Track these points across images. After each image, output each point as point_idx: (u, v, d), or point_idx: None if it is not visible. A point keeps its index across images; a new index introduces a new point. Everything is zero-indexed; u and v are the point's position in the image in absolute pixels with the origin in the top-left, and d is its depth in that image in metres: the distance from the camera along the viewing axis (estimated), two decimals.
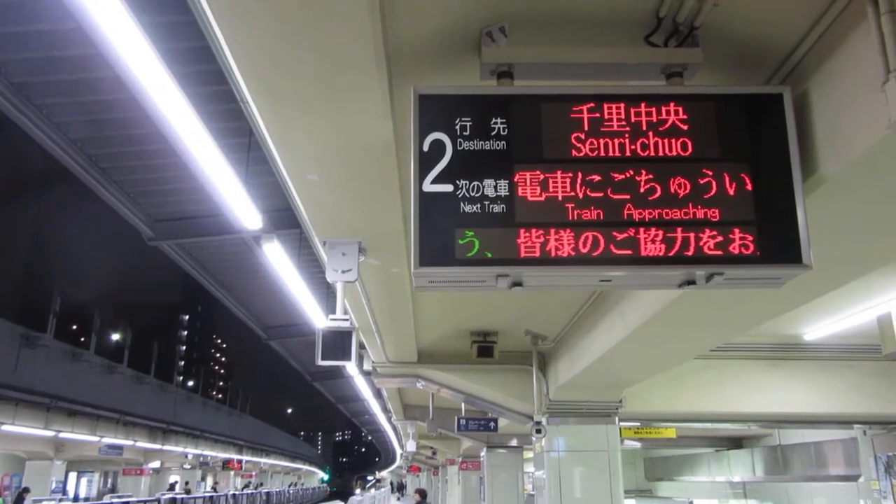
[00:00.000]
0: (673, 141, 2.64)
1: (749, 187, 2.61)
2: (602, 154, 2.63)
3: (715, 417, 9.35)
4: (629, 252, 2.57)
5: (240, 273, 14.57)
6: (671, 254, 2.57)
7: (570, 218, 2.58)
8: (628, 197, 2.60)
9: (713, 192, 2.60)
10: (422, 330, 7.98)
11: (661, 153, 2.63)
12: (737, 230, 2.58)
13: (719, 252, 2.57)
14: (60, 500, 24.11)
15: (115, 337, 48.91)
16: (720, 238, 2.57)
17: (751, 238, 2.58)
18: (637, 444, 16.80)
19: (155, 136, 7.37)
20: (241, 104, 3.75)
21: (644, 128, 2.65)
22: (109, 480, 35.57)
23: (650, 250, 2.57)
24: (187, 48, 6.13)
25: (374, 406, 23.31)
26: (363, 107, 3.04)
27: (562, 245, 2.56)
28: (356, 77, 2.80)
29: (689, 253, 2.57)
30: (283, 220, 8.96)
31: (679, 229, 2.58)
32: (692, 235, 2.58)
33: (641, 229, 2.58)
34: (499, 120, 2.65)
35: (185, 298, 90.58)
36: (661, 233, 2.58)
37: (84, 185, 8.69)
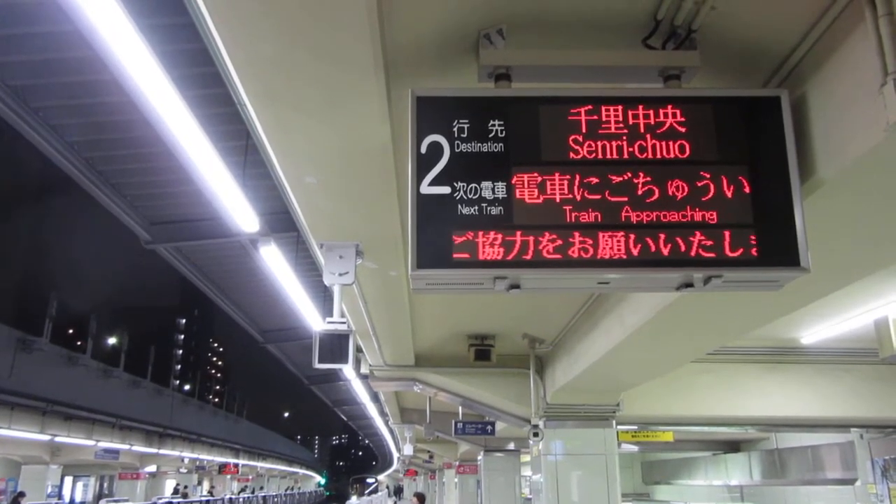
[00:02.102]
0: (671, 143, 2.64)
1: (747, 190, 2.61)
2: (600, 156, 2.63)
3: (712, 421, 9.33)
4: (627, 254, 2.56)
5: (237, 276, 14.53)
6: (669, 256, 2.57)
7: (568, 220, 2.58)
8: (626, 199, 2.60)
9: (711, 194, 2.60)
10: (419, 333, 7.97)
11: (658, 155, 2.63)
12: (735, 233, 2.58)
13: (717, 255, 2.56)
14: None
15: (112, 341, 48.82)
16: (718, 241, 2.57)
17: (749, 241, 2.57)
18: (634, 448, 16.80)
19: (152, 139, 7.36)
20: (239, 107, 3.76)
21: (642, 130, 2.65)
22: (105, 485, 35.47)
23: (648, 253, 2.57)
24: (184, 50, 6.12)
25: (372, 410, 23.29)
26: (361, 109, 3.04)
27: (560, 247, 2.56)
28: (354, 79, 2.80)
29: (687, 255, 2.57)
30: (281, 223, 8.95)
31: (677, 232, 2.58)
32: (690, 238, 2.57)
33: (639, 232, 2.58)
34: (496, 122, 2.65)
35: (182, 302, 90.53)
36: (658, 235, 2.58)
37: (81, 188, 8.65)
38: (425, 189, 2.58)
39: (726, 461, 16.43)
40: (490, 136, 2.64)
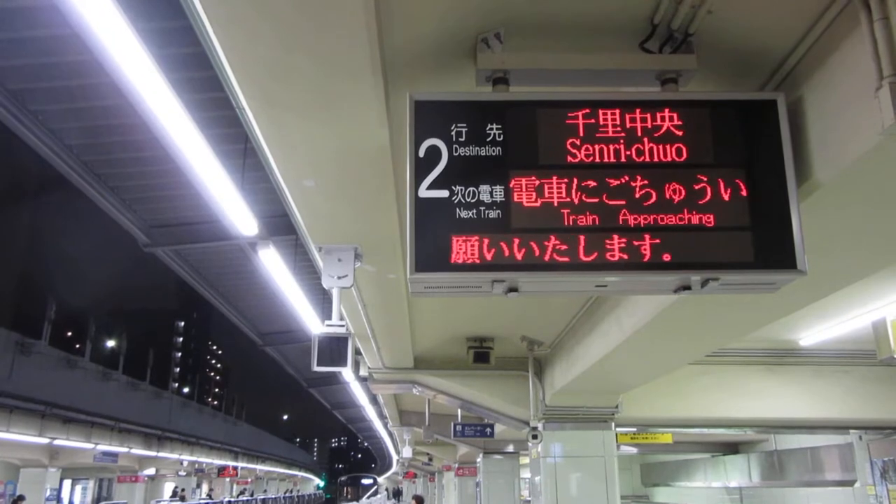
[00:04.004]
0: (668, 147, 2.65)
1: (744, 193, 2.62)
2: (597, 160, 2.64)
3: (711, 423, 9.34)
4: (624, 257, 2.57)
5: (236, 279, 14.54)
6: (666, 259, 2.58)
7: (566, 223, 2.59)
8: (623, 202, 2.61)
9: (708, 197, 2.62)
10: (418, 336, 7.97)
11: (656, 159, 2.64)
12: (732, 235, 2.59)
13: (714, 257, 2.57)
14: None
15: (111, 343, 48.79)
16: (715, 243, 2.58)
17: (746, 243, 2.58)
18: (633, 450, 16.81)
19: (151, 142, 7.36)
20: (237, 110, 3.75)
21: (639, 134, 2.66)
22: (104, 488, 35.41)
23: (645, 256, 2.58)
24: (183, 54, 6.13)
25: (371, 412, 23.26)
26: (359, 113, 3.04)
27: (557, 251, 2.56)
28: (352, 83, 2.81)
29: (685, 258, 2.58)
30: (279, 226, 8.94)
31: (674, 235, 2.58)
32: (687, 241, 2.58)
33: (637, 235, 2.58)
34: (494, 126, 2.66)
35: (181, 305, 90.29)
36: (656, 238, 2.58)
37: (79, 191, 8.66)
38: (423, 192, 2.59)
39: (725, 463, 16.43)
40: (488, 139, 2.65)
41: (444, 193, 2.59)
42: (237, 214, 6.03)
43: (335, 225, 4.50)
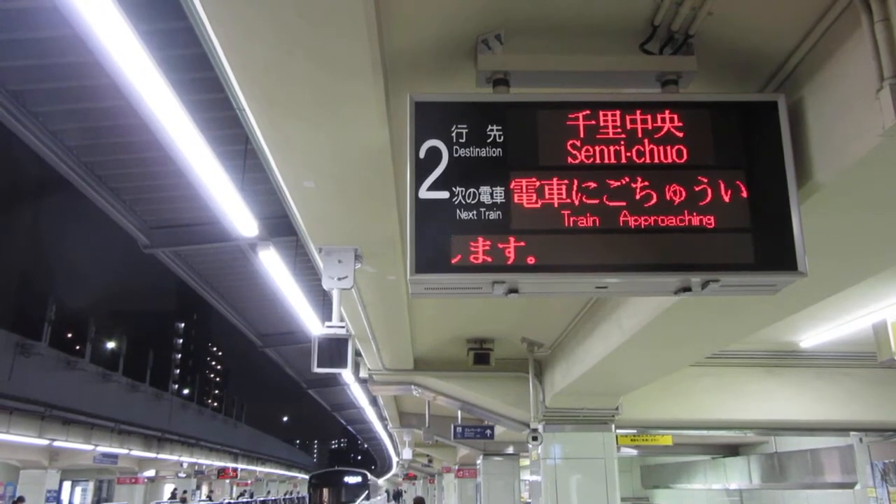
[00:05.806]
0: (668, 148, 2.65)
1: (744, 194, 2.61)
2: (598, 161, 2.64)
3: (711, 425, 9.34)
4: (625, 259, 2.57)
5: (236, 280, 14.54)
6: (667, 261, 2.57)
7: (566, 225, 2.58)
8: (624, 204, 2.61)
9: (708, 199, 2.61)
10: (418, 337, 7.97)
11: (656, 160, 2.64)
12: (732, 237, 2.58)
13: (715, 259, 2.57)
14: None
15: (111, 345, 48.70)
16: (715, 245, 2.58)
17: (746, 245, 2.58)
18: (633, 452, 16.79)
19: (151, 143, 7.36)
20: (238, 112, 3.77)
21: (639, 135, 2.66)
22: (104, 489, 35.39)
23: (646, 257, 2.57)
24: (184, 55, 6.13)
25: (370, 414, 23.28)
26: (359, 114, 3.04)
27: (557, 252, 2.56)
28: (352, 85, 2.81)
29: (685, 260, 2.57)
30: (280, 227, 8.95)
31: (675, 236, 2.58)
32: (688, 242, 2.58)
33: (637, 236, 2.58)
34: (495, 127, 2.66)
35: (181, 306, 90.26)
36: (656, 240, 2.58)
37: (80, 192, 8.66)
38: (424, 194, 2.59)
39: (725, 465, 16.41)
40: (488, 140, 2.65)
41: (445, 195, 2.59)
42: (237, 215, 6.03)
43: (335, 226, 4.50)
